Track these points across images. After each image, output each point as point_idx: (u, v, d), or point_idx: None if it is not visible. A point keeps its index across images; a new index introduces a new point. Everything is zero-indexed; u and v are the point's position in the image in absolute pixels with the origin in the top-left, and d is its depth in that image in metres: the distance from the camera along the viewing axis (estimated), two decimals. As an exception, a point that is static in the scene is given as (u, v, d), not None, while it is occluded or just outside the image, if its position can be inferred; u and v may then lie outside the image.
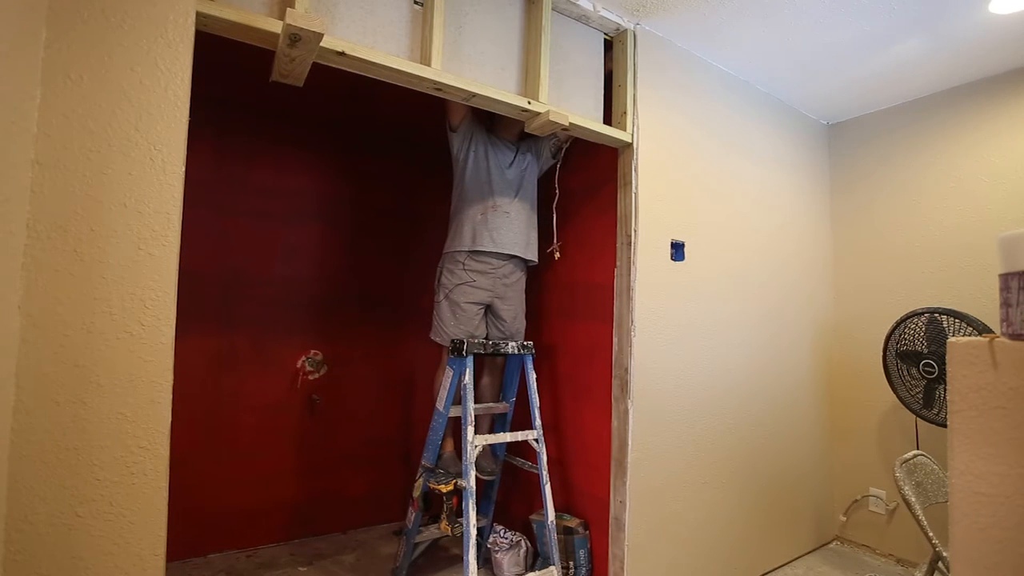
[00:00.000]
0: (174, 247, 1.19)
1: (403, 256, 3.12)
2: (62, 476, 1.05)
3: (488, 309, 2.35)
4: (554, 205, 2.49)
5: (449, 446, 2.38)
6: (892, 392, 2.42)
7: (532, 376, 2.28)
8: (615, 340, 2.14)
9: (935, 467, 1.92)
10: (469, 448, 2.03)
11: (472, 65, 1.77)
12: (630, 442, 2.04)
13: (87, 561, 1.07)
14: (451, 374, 2.21)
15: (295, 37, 1.34)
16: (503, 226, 2.26)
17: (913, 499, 1.73)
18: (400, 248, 3.10)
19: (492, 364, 2.52)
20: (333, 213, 2.93)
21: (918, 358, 2.27)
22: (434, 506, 2.37)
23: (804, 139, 2.92)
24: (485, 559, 2.40)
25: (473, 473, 2.02)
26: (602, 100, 2.11)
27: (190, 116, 1.22)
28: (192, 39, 1.23)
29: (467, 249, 2.25)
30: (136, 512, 1.12)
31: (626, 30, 2.13)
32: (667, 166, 2.23)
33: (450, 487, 2.11)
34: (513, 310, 2.37)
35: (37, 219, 1.04)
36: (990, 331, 1.94)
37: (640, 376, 2.08)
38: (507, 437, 2.20)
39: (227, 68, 2.20)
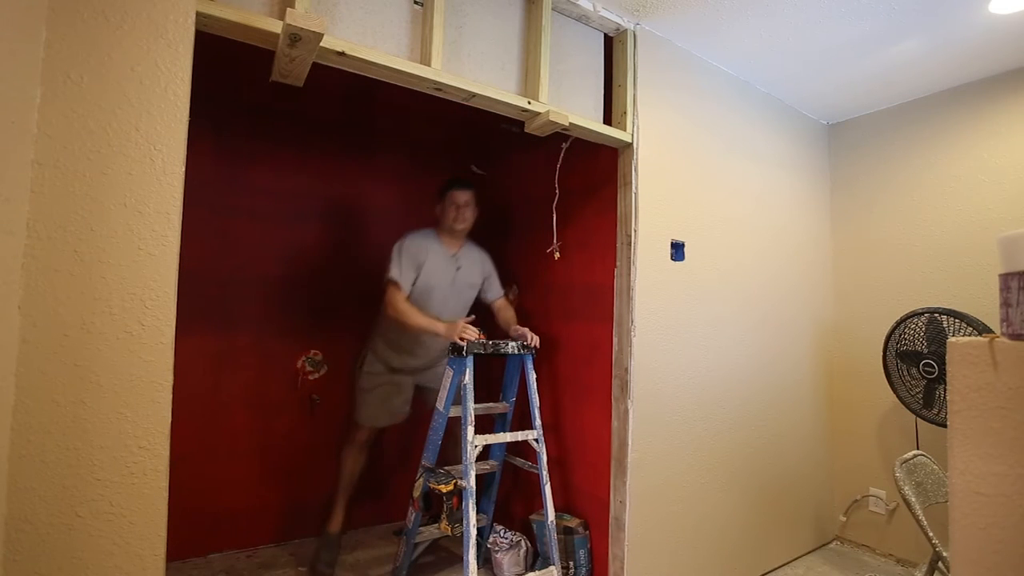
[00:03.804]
0: (174, 247, 1.19)
1: (403, 256, 3.11)
2: (62, 476, 1.05)
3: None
4: (554, 205, 2.50)
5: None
6: (892, 392, 2.42)
7: (532, 376, 2.28)
8: (615, 340, 2.14)
9: (935, 467, 1.92)
10: (469, 448, 2.03)
11: (472, 65, 1.77)
12: (630, 442, 2.04)
13: (87, 561, 1.07)
14: (451, 374, 2.21)
15: (295, 37, 1.34)
16: (424, 352, 2.40)
17: (913, 499, 1.73)
18: (400, 248, 3.09)
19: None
20: (333, 213, 2.93)
21: (918, 358, 2.27)
22: (434, 506, 2.37)
23: (804, 139, 2.92)
24: (485, 559, 2.40)
25: (473, 473, 2.02)
26: (602, 100, 2.11)
27: (190, 116, 1.22)
28: (192, 39, 1.22)
29: (384, 362, 2.42)
30: (136, 512, 1.12)
31: (626, 30, 2.13)
32: (667, 166, 2.23)
33: (450, 487, 2.11)
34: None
35: (37, 219, 1.04)
36: (990, 331, 1.94)
37: (640, 376, 2.08)
38: (507, 437, 2.21)
39: (227, 68, 2.20)
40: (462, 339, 2.10)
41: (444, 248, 2.39)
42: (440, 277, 2.34)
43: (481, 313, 3.17)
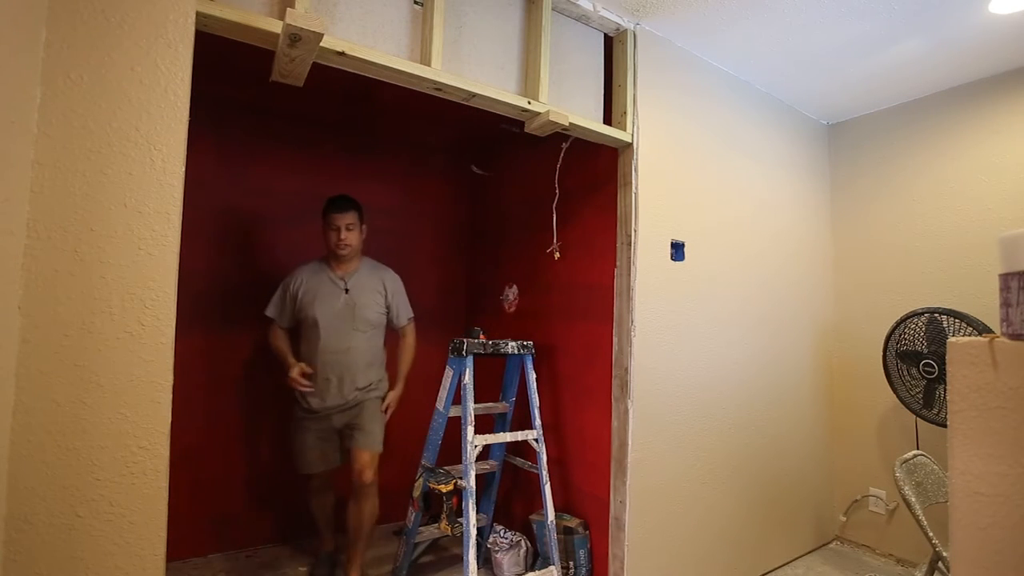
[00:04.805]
0: (174, 247, 1.19)
1: (401, 255, 3.11)
2: (62, 476, 1.05)
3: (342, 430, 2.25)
4: (554, 205, 2.50)
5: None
6: (892, 392, 2.42)
7: (532, 376, 2.28)
8: (615, 340, 2.14)
9: (935, 467, 1.92)
10: (469, 448, 2.03)
11: (472, 65, 1.77)
12: (630, 442, 2.04)
13: (87, 561, 1.07)
14: (451, 374, 2.21)
15: (295, 37, 1.34)
16: (332, 389, 2.15)
17: (913, 499, 1.73)
18: (398, 247, 3.10)
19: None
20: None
21: (918, 358, 2.27)
22: (434, 506, 2.37)
23: (804, 139, 2.92)
24: (485, 559, 2.40)
25: (473, 473, 2.02)
26: (602, 100, 2.11)
27: (190, 116, 1.22)
28: (192, 39, 1.22)
29: (301, 406, 2.21)
30: (136, 512, 1.12)
31: (626, 30, 2.13)
32: (667, 166, 2.23)
33: (450, 487, 2.11)
34: (367, 424, 2.22)
35: (37, 219, 1.04)
36: (990, 331, 1.94)
37: (640, 376, 2.08)
38: (507, 437, 2.21)
39: (227, 68, 2.20)
40: (292, 382, 2.11)
41: (330, 272, 2.22)
42: (324, 303, 2.16)
43: (485, 317, 3.18)
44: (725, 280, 2.42)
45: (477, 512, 2.21)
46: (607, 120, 2.12)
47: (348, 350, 2.17)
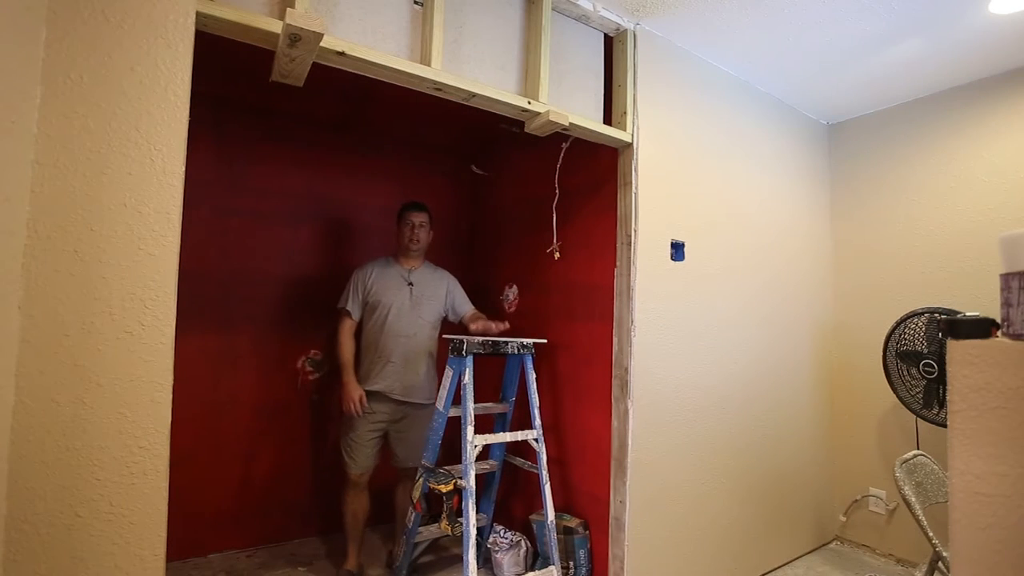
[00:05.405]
0: (174, 247, 1.19)
1: (403, 256, 3.12)
2: (62, 476, 1.05)
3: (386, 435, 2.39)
4: (554, 205, 2.50)
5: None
6: (892, 392, 2.42)
7: (532, 376, 2.28)
8: (615, 340, 2.14)
9: (935, 467, 1.92)
10: (469, 448, 2.03)
11: (472, 65, 1.77)
12: (630, 442, 2.04)
13: (87, 561, 1.07)
14: (450, 374, 2.21)
15: (295, 37, 1.34)
16: (393, 371, 2.33)
17: (913, 499, 1.73)
18: (400, 248, 3.10)
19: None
20: (333, 213, 2.93)
21: (918, 358, 2.27)
22: (434, 506, 2.37)
23: (804, 139, 2.92)
24: (485, 559, 2.40)
25: (473, 473, 2.02)
26: (602, 100, 2.11)
27: (190, 116, 1.22)
28: (192, 39, 1.22)
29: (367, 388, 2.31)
30: (136, 512, 1.12)
31: (626, 30, 2.13)
32: (667, 166, 2.23)
33: (450, 487, 2.11)
34: (411, 440, 2.40)
35: (37, 219, 1.04)
36: (990, 331, 1.94)
37: (640, 376, 2.08)
38: (507, 437, 2.21)
39: (227, 68, 2.20)
40: (346, 406, 2.27)
41: (399, 267, 2.45)
42: (392, 293, 2.37)
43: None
44: (726, 280, 2.42)
45: (477, 512, 2.21)
46: (607, 120, 2.12)
47: (414, 335, 2.38)
